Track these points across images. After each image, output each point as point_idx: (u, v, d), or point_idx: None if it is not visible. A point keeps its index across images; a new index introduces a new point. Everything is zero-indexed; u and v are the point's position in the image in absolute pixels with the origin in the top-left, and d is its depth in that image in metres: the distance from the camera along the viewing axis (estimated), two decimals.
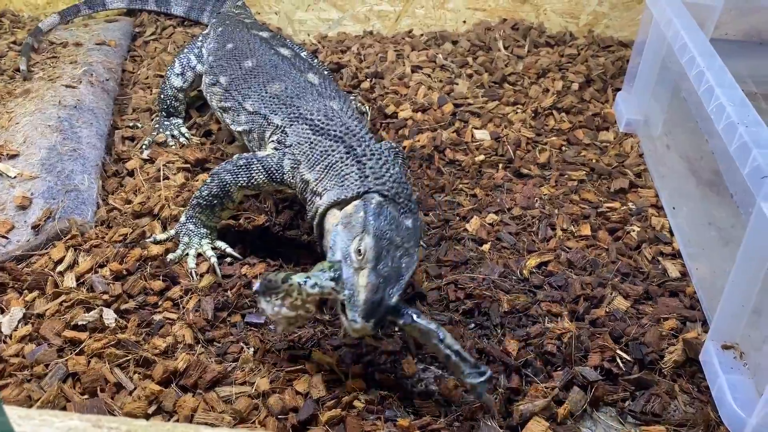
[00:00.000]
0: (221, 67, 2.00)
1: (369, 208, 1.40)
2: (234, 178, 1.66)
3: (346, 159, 1.54)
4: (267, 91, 1.81)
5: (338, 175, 1.53)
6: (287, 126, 1.70)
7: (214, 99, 2.00)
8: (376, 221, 1.37)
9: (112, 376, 1.40)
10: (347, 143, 1.57)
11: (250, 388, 1.40)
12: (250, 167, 1.66)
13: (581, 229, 1.87)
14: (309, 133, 1.64)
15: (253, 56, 1.96)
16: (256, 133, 1.81)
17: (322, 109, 1.68)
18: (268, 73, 1.87)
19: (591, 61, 2.63)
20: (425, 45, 2.77)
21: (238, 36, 2.10)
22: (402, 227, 1.41)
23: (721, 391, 1.38)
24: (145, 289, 1.61)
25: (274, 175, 1.66)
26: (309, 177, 1.59)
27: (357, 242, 1.35)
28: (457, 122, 2.30)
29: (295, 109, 1.72)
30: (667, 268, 1.76)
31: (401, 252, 1.37)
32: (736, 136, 1.42)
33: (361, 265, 1.32)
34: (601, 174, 2.10)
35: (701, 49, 1.75)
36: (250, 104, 1.83)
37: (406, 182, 1.52)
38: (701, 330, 1.57)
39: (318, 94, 1.76)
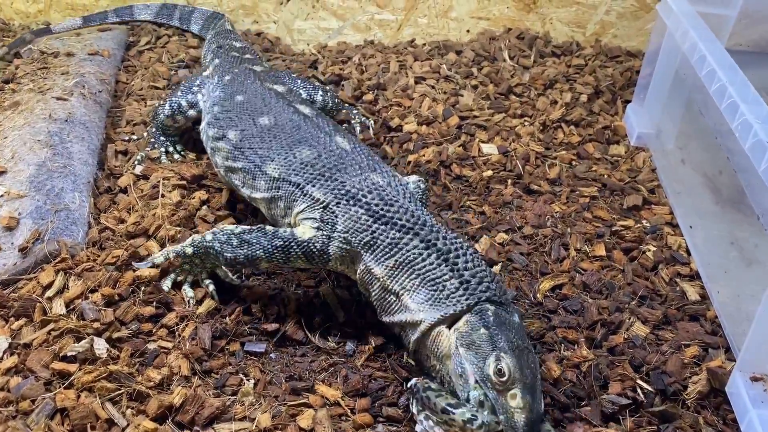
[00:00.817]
0: (230, 121, 1.78)
1: (489, 322, 1.30)
2: (268, 256, 1.49)
3: (428, 257, 1.39)
4: (296, 156, 1.60)
5: (424, 276, 1.38)
6: (333, 204, 1.50)
7: (218, 155, 1.78)
8: (503, 334, 1.28)
9: (104, 411, 1.31)
10: (422, 236, 1.41)
11: (251, 424, 1.32)
12: (289, 250, 1.48)
13: (595, 249, 1.79)
14: (367, 219, 1.45)
15: (270, 113, 1.75)
16: (284, 203, 1.61)
17: (371, 188, 1.49)
18: (291, 135, 1.66)
19: (599, 72, 2.56)
20: (428, 55, 2.69)
21: (251, 88, 1.88)
22: (518, 328, 1.33)
23: (750, 426, 1.30)
24: (138, 316, 1.52)
25: (315, 260, 1.50)
26: (378, 272, 1.43)
27: (494, 363, 1.25)
28: (463, 135, 2.22)
29: (339, 183, 1.52)
30: (686, 291, 1.68)
31: (527, 352, 1.29)
32: (766, 155, 1.34)
33: (507, 386, 1.24)
34: (614, 190, 2.03)
35: (721, 61, 1.68)
36: (273, 168, 1.62)
37: (494, 274, 1.42)
38: (725, 358, 1.50)
39: (358, 165, 1.56)
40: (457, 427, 1.22)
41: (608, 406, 1.39)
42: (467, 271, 1.37)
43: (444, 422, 1.24)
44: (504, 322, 1.31)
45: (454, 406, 1.23)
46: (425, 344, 1.38)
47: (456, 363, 1.30)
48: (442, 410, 1.23)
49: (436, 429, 1.25)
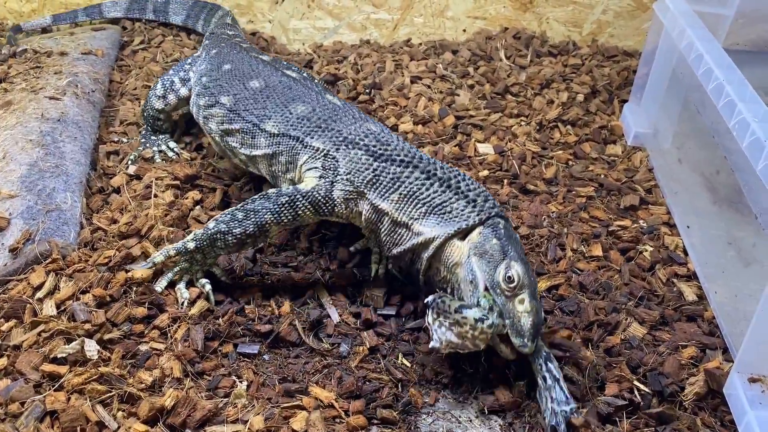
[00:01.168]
0: (221, 88, 1.84)
1: (501, 234, 1.39)
2: (276, 217, 1.52)
3: (431, 186, 1.47)
4: (291, 112, 1.68)
5: (430, 202, 1.46)
6: (332, 150, 1.57)
7: (212, 121, 1.83)
8: (512, 245, 1.37)
9: (94, 414, 1.29)
10: (422, 168, 1.49)
11: (243, 426, 1.30)
12: (295, 204, 1.53)
13: (592, 249, 1.78)
14: (368, 159, 1.52)
15: (260, 77, 1.83)
16: (285, 157, 1.66)
17: (367, 133, 1.57)
18: (284, 94, 1.74)
19: (596, 72, 2.55)
20: (424, 54, 2.68)
21: (237, 57, 1.97)
22: (520, 241, 1.44)
23: (749, 428, 1.29)
24: (130, 317, 1.50)
25: (322, 209, 1.55)
26: (384, 207, 1.49)
27: (504, 270, 1.34)
28: (460, 135, 2.21)
29: (336, 132, 1.59)
30: (683, 291, 1.67)
31: (528, 265, 1.38)
32: (763, 154, 1.33)
33: (515, 292, 1.33)
34: (611, 190, 2.01)
35: (719, 60, 1.67)
36: (272, 125, 1.68)
37: None
38: (722, 359, 1.49)
39: (351, 116, 1.64)
40: (468, 326, 1.30)
41: (604, 408, 1.37)
42: (471, 192, 1.46)
43: (456, 322, 1.30)
44: (512, 235, 1.41)
45: (467, 306, 1.32)
46: (438, 258, 1.45)
47: (467, 270, 1.38)
48: (456, 310, 1.30)
49: (448, 334, 1.31)
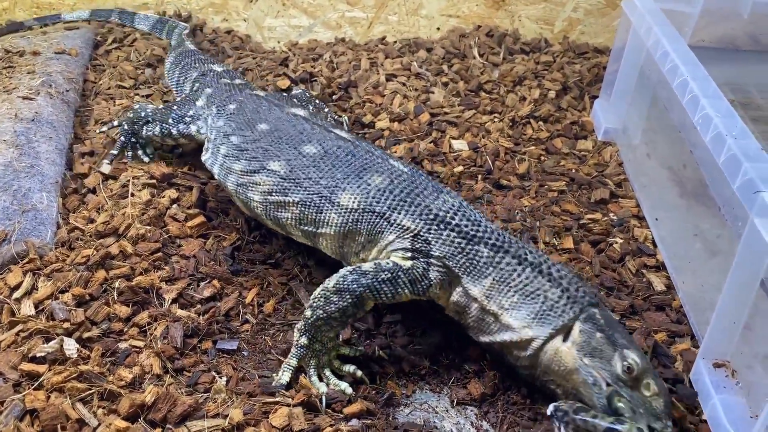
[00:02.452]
0: (265, 151, 1.64)
1: (601, 325, 1.34)
2: (375, 295, 1.40)
3: (522, 272, 1.39)
4: (369, 183, 1.51)
5: (522, 292, 1.38)
6: (424, 230, 1.44)
7: (255, 191, 1.63)
8: (616, 332, 1.33)
9: (74, 411, 1.30)
10: (512, 253, 1.41)
11: (224, 421, 1.32)
12: (397, 282, 1.40)
13: (564, 242, 1.82)
14: (461, 241, 1.43)
15: (312, 140, 1.62)
16: (365, 236, 1.50)
17: (452, 208, 1.46)
18: (350, 162, 1.56)
19: (567, 69, 2.60)
20: (399, 52, 2.71)
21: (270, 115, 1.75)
22: (616, 321, 1.40)
23: (714, 411, 1.34)
24: (109, 316, 1.51)
25: (419, 288, 1.43)
26: (475, 292, 1.41)
27: (620, 362, 1.29)
28: (435, 132, 2.24)
29: (425, 208, 1.46)
30: (652, 281, 1.72)
31: (636, 345, 1.36)
32: (725, 148, 1.38)
33: (638, 379, 1.29)
34: (581, 184, 2.06)
35: (684, 57, 1.72)
36: (348, 198, 1.51)
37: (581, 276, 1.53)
38: (690, 345, 1.54)
39: (429, 187, 1.51)
40: None
41: None
42: (563, 280, 1.38)
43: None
44: (610, 320, 1.36)
45: (616, 422, 1.23)
46: (541, 361, 1.37)
47: (585, 373, 1.31)
48: (606, 431, 1.22)
49: None
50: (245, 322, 1.56)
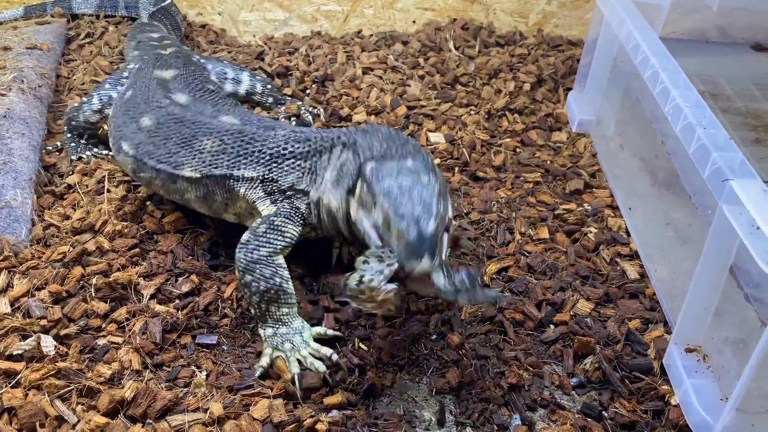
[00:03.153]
0: (119, 129, 1.77)
1: (367, 175, 1.39)
2: (272, 248, 1.47)
3: (341, 153, 1.52)
4: (202, 151, 1.62)
5: (339, 171, 1.51)
6: (266, 173, 1.58)
7: (128, 171, 1.78)
8: (382, 180, 1.36)
9: (53, 409, 1.30)
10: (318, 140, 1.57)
11: (204, 414, 1.32)
12: (277, 228, 1.51)
13: (539, 233, 1.85)
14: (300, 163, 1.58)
15: (147, 112, 1.74)
16: (221, 195, 1.64)
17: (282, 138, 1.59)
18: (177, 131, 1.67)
19: (541, 61, 2.63)
20: (375, 46, 2.71)
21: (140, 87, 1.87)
22: (404, 168, 1.39)
23: (686, 395, 1.37)
24: (87, 312, 1.51)
25: (297, 222, 1.54)
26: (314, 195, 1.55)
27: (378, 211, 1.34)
28: (411, 125, 2.25)
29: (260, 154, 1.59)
30: (626, 270, 1.75)
31: (419, 188, 1.33)
32: (695, 138, 1.41)
33: (387, 224, 1.30)
34: (556, 175, 2.09)
35: (655, 49, 1.75)
36: (190, 171, 1.62)
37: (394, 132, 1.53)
38: (663, 331, 1.57)
39: (262, 127, 1.63)
40: (364, 292, 1.26)
41: None
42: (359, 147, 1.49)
43: (357, 296, 1.27)
44: (387, 169, 1.38)
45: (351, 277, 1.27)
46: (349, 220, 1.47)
47: (360, 225, 1.40)
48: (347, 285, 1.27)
49: (365, 307, 1.29)
50: (224, 317, 1.56)
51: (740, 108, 2.22)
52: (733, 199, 1.26)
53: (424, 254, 1.24)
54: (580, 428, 1.36)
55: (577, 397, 1.45)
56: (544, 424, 1.38)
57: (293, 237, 1.52)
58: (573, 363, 1.50)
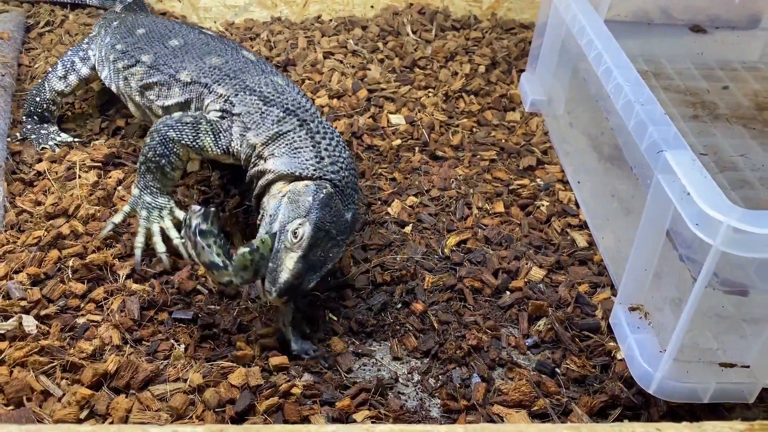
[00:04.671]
0: (140, 49, 1.93)
1: (318, 197, 1.48)
2: (179, 135, 1.63)
3: (299, 131, 1.60)
4: (205, 63, 1.81)
5: (290, 145, 1.59)
6: (232, 95, 1.70)
7: (132, 79, 1.92)
8: (321, 212, 1.46)
9: (38, 384, 1.36)
10: (300, 116, 1.63)
11: (184, 384, 1.40)
12: (198, 126, 1.64)
13: (495, 207, 1.96)
14: (259, 103, 1.66)
15: (178, 35, 1.94)
16: (195, 104, 1.79)
17: (269, 83, 1.72)
18: (201, 49, 1.87)
19: (495, 44, 2.73)
20: (335, 30, 2.78)
21: (148, 21, 2.06)
22: (342, 220, 1.52)
23: (630, 349, 1.51)
24: (65, 293, 1.56)
25: (221, 141, 1.66)
26: (256, 141, 1.62)
27: (297, 224, 1.43)
28: (373, 108, 2.34)
29: (240, 81, 1.73)
30: (576, 239, 1.88)
31: (332, 243, 1.48)
32: (634, 113, 1.53)
33: (293, 248, 1.42)
34: (511, 153, 2.20)
35: (598, 31, 1.87)
36: (186, 75, 1.80)
37: (356, 169, 1.61)
38: (610, 294, 1.70)
39: (261, 70, 1.79)
40: None
41: None
42: (327, 152, 1.58)
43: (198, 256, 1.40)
44: (331, 206, 1.49)
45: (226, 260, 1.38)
46: (268, 189, 1.58)
47: (274, 207, 1.50)
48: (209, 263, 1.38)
49: None
50: (198, 293, 1.63)
51: (680, 86, 2.36)
52: (667, 169, 1.38)
53: (284, 297, 1.41)
54: (535, 384, 1.48)
55: (532, 356, 1.57)
56: (502, 381, 1.50)
57: (202, 147, 1.65)
58: (528, 325, 1.62)
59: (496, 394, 1.46)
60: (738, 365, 1.39)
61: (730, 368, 1.39)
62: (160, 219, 1.67)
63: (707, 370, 1.39)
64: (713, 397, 1.41)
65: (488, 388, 1.47)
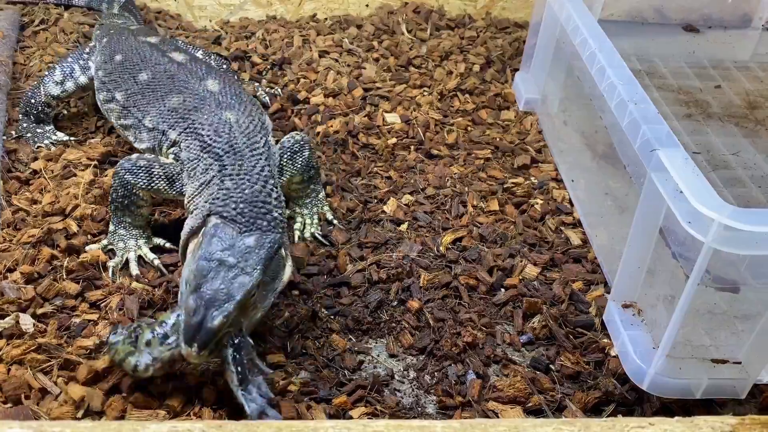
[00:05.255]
0: (115, 83, 1.89)
1: (206, 232, 1.39)
2: (135, 179, 1.62)
3: (216, 178, 1.53)
4: (166, 105, 1.75)
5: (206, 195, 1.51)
6: (182, 140, 1.67)
7: (112, 116, 1.91)
8: (208, 246, 1.35)
9: (36, 381, 1.37)
10: (224, 162, 1.55)
11: (181, 381, 1.41)
12: (151, 171, 1.62)
13: (490, 205, 1.97)
14: (198, 150, 1.62)
15: (148, 67, 1.86)
16: (157, 149, 1.76)
17: (214, 123, 1.64)
18: (165, 85, 1.80)
19: (490, 43, 2.75)
20: (330, 29, 2.79)
21: (126, 45, 1.97)
22: (239, 247, 1.36)
23: (623, 345, 1.52)
24: (60, 292, 1.57)
25: (175, 185, 1.63)
26: (190, 192, 1.57)
27: (187, 269, 1.35)
28: (368, 106, 2.35)
29: (190, 122, 1.68)
30: (570, 237, 1.89)
31: (235, 272, 1.31)
32: (627, 113, 1.55)
33: (190, 293, 1.29)
34: (505, 151, 2.21)
35: (592, 31, 1.88)
36: (149, 120, 1.77)
37: (267, 198, 1.49)
38: (604, 291, 1.72)
39: (216, 104, 1.71)
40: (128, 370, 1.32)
41: None
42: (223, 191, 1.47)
43: None
44: (220, 236, 1.37)
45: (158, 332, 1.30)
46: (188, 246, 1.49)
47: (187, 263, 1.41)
48: None
49: None
50: None
51: (673, 85, 2.38)
52: (659, 167, 1.40)
53: (194, 344, 1.24)
54: (530, 380, 1.50)
55: (526, 353, 1.58)
56: (497, 378, 1.51)
57: (158, 190, 1.64)
58: (522, 322, 1.63)
59: (491, 390, 1.47)
60: (730, 361, 1.41)
61: (722, 364, 1.41)
62: (137, 248, 1.68)
63: (699, 367, 1.41)
64: (705, 393, 1.42)
65: (483, 384, 1.49)
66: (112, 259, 1.66)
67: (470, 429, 1.04)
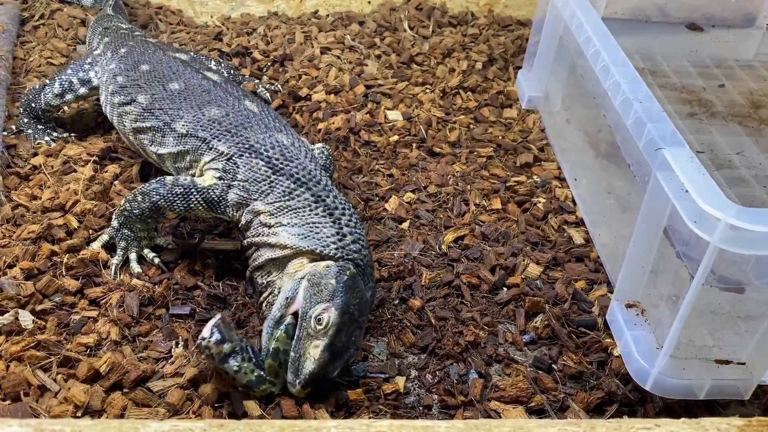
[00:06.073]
0: (139, 87, 1.82)
1: (342, 279, 1.38)
2: (169, 205, 1.58)
3: (315, 208, 1.50)
4: (204, 114, 1.68)
5: (304, 218, 1.49)
6: (236, 155, 1.59)
7: (127, 118, 1.83)
8: (346, 296, 1.37)
9: (35, 378, 1.36)
10: (313, 191, 1.52)
11: (181, 379, 1.40)
12: (189, 197, 1.57)
13: (492, 203, 1.96)
14: (267, 171, 1.55)
15: (180, 78, 1.81)
16: (190, 156, 1.69)
17: (275, 145, 1.59)
18: (201, 97, 1.74)
19: (492, 41, 2.73)
20: (332, 26, 2.77)
21: (155, 58, 1.92)
22: (363, 301, 1.42)
23: (626, 345, 1.51)
24: (60, 289, 1.55)
25: (215, 208, 1.59)
26: (262, 209, 1.54)
27: (321, 310, 1.35)
28: (370, 103, 2.33)
29: (243, 139, 1.61)
30: (572, 236, 1.88)
31: (355, 326, 1.38)
32: (632, 111, 1.54)
33: (318, 336, 1.34)
34: (507, 150, 2.20)
35: (596, 28, 1.87)
36: (182, 125, 1.69)
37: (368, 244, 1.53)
38: (606, 291, 1.71)
39: (264, 126, 1.66)
40: None
41: None
42: (347, 228, 1.48)
43: None
44: (355, 288, 1.40)
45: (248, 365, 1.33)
46: (278, 264, 1.49)
47: (292, 288, 1.41)
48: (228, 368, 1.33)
49: None
50: (196, 288, 1.63)
51: (676, 84, 2.37)
52: (664, 166, 1.39)
53: (308, 389, 1.34)
54: (532, 380, 1.49)
55: (528, 353, 1.58)
56: (499, 377, 1.50)
57: (195, 213, 1.61)
58: (525, 321, 1.62)
59: (493, 390, 1.46)
60: (734, 362, 1.40)
61: (725, 365, 1.40)
62: (140, 249, 1.66)
63: (703, 367, 1.40)
64: (709, 394, 1.42)
65: (485, 384, 1.48)
66: (112, 255, 1.65)
67: (474, 429, 1.03)
